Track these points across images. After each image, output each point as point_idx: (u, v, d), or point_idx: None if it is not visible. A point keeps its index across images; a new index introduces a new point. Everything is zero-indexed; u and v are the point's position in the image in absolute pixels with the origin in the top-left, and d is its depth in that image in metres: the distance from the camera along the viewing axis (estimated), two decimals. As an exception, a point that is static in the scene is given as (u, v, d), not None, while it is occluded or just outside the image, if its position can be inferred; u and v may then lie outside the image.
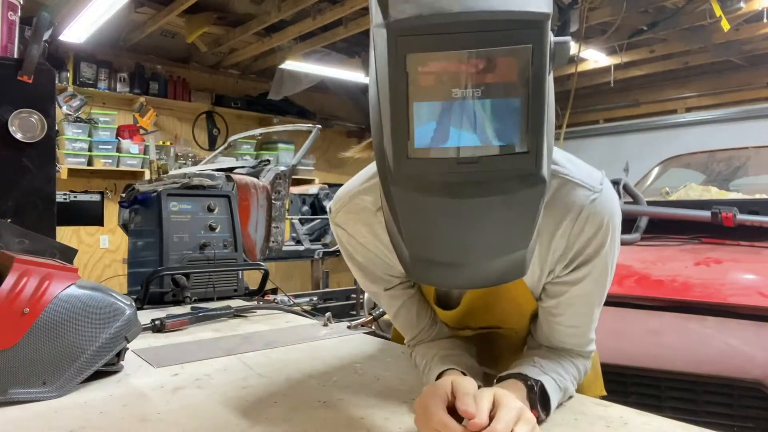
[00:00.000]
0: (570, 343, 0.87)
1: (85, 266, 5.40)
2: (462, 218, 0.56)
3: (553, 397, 0.78)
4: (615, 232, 0.79)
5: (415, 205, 0.57)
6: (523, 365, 0.82)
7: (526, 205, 0.56)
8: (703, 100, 6.68)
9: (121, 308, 0.97)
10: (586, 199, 0.75)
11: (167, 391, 0.90)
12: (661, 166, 3.24)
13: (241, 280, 1.89)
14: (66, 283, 0.93)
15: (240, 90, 6.59)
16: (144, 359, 1.09)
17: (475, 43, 0.50)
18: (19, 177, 1.37)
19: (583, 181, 0.76)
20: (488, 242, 0.58)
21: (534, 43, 0.51)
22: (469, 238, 0.57)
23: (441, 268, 0.61)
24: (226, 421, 0.78)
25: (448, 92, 0.52)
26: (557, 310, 0.84)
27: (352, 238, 0.87)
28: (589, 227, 0.76)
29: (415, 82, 0.52)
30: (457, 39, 0.50)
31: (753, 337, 1.43)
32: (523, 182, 0.54)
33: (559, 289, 0.82)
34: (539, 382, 0.77)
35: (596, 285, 0.81)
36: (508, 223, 0.57)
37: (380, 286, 0.92)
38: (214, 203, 1.92)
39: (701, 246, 2.10)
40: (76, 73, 5.34)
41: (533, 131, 0.52)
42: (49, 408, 0.83)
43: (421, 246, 0.60)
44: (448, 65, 0.51)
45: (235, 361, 1.09)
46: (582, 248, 0.78)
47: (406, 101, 0.52)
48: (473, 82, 0.51)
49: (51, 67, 1.43)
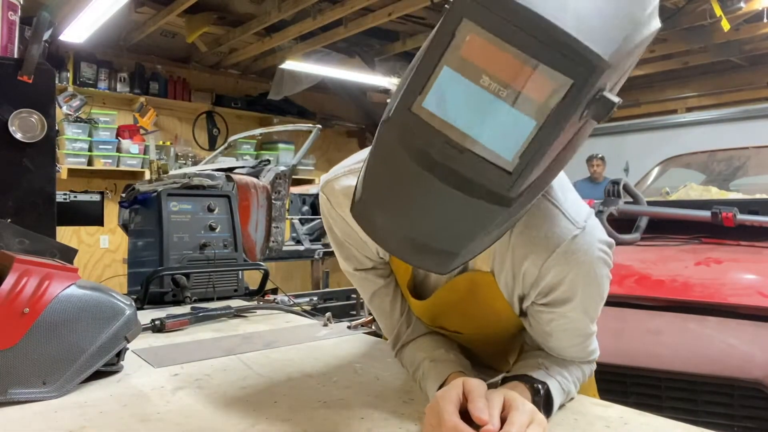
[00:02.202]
0: (570, 356, 0.86)
1: (85, 266, 5.40)
2: (420, 191, 0.56)
3: (557, 399, 0.78)
4: (598, 272, 0.74)
5: (390, 154, 0.57)
6: (528, 366, 0.81)
7: (480, 218, 0.56)
8: (703, 100, 6.68)
9: (121, 308, 0.97)
10: (568, 233, 0.72)
11: (167, 391, 0.90)
12: (661, 166, 3.24)
13: (241, 280, 1.89)
14: (66, 283, 0.93)
15: (240, 90, 6.60)
16: (144, 359, 1.09)
17: (527, 47, 0.50)
18: (19, 177, 1.37)
19: (568, 213, 0.73)
20: (430, 226, 0.58)
21: (576, 80, 0.50)
22: (416, 212, 0.57)
23: (378, 219, 0.60)
24: (226, 421, 0.78)
25: (479, 76, 0.51)
26: (546, 336, 0.82)
27: (333, 210, 0.87)
28: (564, 265, 0.72)
29: (456, 49, 0.52)
30: (515, 34, 0.50)
31: (753, 337, 1.43)
32: (490, 196, 0.54)
33: (544, 317, 0.80)
34: (545, 385, 0.77)
35: (584, 315, 0.78)
36: (455, 220, 0.57)
37: (352, 265, 0.92)
38: (214, 203, 1.92)
39: (701, 246, 2.10)
40: (76, 73, 5.34)
41: (528, 158, 0.52)
42: (49, 408, 0.83)
43: (374, 191, 0.60)
44: (492, 52, 0.51)
45: (235, 361, 1.09)
46: (556, 284, 0.74)
47: (439, 59, 0.52)
48: (505, 81, 0.51)
49: (51, 67, 1.43)
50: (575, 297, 0.75)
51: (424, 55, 0.53)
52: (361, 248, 0.90)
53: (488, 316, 0.87)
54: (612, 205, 2.28)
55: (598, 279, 0.74)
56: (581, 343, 0.84)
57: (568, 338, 0.82)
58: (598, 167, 5.42)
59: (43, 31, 1.38)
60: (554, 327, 0.80)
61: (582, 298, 0.75)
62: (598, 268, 0.74)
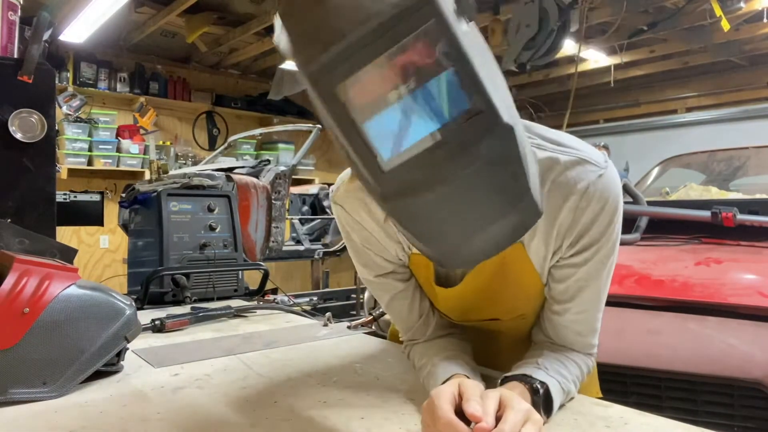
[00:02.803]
0: (576, 343, 0.87)
1: (85, 266, 5.40)
2: (458, 197, 0.57)
3: (556, 399, 0.78)
4: (619, 211, 0.80)
5: (411, 209, 0.58)
6: (527, 366, 0.82)
7: (507, 156, 0.57)
8: (703, 100, 6.68)
9: (121, 308, 0.97)
10: (594, 174, 0.77)
11: (167, 391, 0.90)
12: (661, 166, 3.24)
13: (241, 280, 1.89)
14: (66, 283, 0.93)
15: (240, 90, 6.60)
16: (144, 359, 1.09)
17: (383, 46, 0.52)
18: (19, 177, 1.37)
19: (591, 158, 0.78)
20: (491, 207, 0.59)
21: (433, 17, 0.52)
22: (471, 212, 0.58)
23: (457, 244, 0.61)
24: (227, 421, 0.78)
25: (387, 99, 0.54)
26: (565, 296, 0.84)
27: (350, 216, 0.89)
28: (596, 202, 0.78)
29: (354, 106, 0.54)
30: (367, 50, 0.52)
31: (753, 337, 1.43)
32: (493, 137, 0.55)
33: (567, 272, 0.83)
34: (544, 384, 0.77)
35: (603, 266, 0.82)
36: (500, 181, 0.58)
37: (372, 272, 0.93)
38: (214, 203, 1.92)
39: (701, 246, 2.10)
40: (76, 73, 5.34)
41: (476, 91, 0.53)
42: (49, 408, 0.83)
43: (437, 241, 0.61)
44: (373, 78, 0.53)
45: (235, 361, 1.09)
46: (588, 224, 0.79)
47: (356, 127, 0.55)
48: (401, 79, 0.53)
49: (51, 67, 1.43)
50: (603, 236, 0.79)
51: (345, 135, 0.55)
52: (381, 252, 0.91)
53: (517, 296, 0.89)
54: (612, 205, 2.27)
55: (619, 217, 0.80)
56: (591, 319, 0.86)
57: (582, 303, 0.84)
58: None
59: (43, 31, 1.38)
60: (571, 285, 0.83)
61: (608, 237, 0.80)
62: (620, 205, 0.80)
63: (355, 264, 0.96)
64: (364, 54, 0.53)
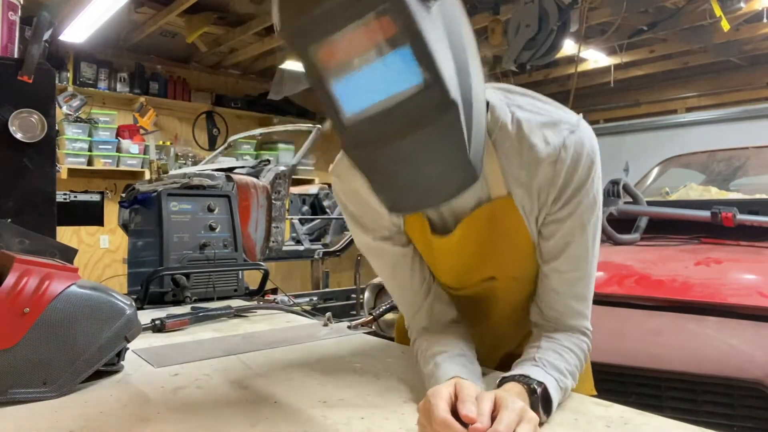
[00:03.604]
0: (569, 313, 0.89)
1: (86, 266, 5.40)
2: (403, 157, 0.67)
3: (555, 397, 0.79)
4: (596, 165, 0.85)
5: (367, 160, 0.70)
6: (525, 365, 0.82)
7: (449, 127, 0.66)
8: (703, 100, 6.68)
9: (121, 308, 0.97)
10: (567, 131, 0.84)
11: (167, 391, 0.91)
12: (661, 166, 3.24)
13: (241, 280, 1.89)
14: (66, 282, 0.93)
15: (240, 90, 6.60)
16: (144, 359, 1.09)
17: (348, 19, 0.62)
18: (19, 177, 1.37)
19: (563, 118, 0.85)
20: (432, 168, 0.69)
21: None
22: (413, 171, 0.69)
23: (402, 194, 0.73)
24: (227, 421, 0.78)
25: (350, 64, 0.64)
26: (553, 253, 0.88)
27: (346, 186, 0.94)
28: (571, 158, 0.83)
29: (322, 67, 0.65)
30: (335, 20, 0.62)
31: (753, 337, 1.43)
32: (439, 111, 0.64)
33: (552, 228, 0.87)
34: (542, 384, 0.77)
35: (587, 222, 0.86)
36: (440, 147, 0.67)
37: (370, 235, 0.96)
38: (214, 203, 1.92)
39: (701, 246, 2.10)
40: (76, 73, 5.34)
41: (427, 67, 0.62)
42: (49, 408, 0.83)
43: (387, 189, 0.73)
44: (338, 45, 0.63)
45: (235, 361, 1.09)
46: (567, 179, 0.84)
47: (324, 84, 0.66)
48: (362, 49, 0.63)
49: (51, 67, 1.43)
50: (581, 189, 0.84)
51: (318, 90, 0.66)
52: (377, 218, 0.95)
53: (510, 253, 0.93)
54: (612, 205, 2.28)
55: (596, 170, 0.86)
56: (582, 279, 0.89)
57: (571, 260, 0.88)
58: None
59: (43, 31, 1.38)
60: (558, 240, 0.87)
61: (588, 188, 0.85)
62: (597, 160, 0.85)
63: (353, 233, 0.99)
64: (331, 23, 0.62)
